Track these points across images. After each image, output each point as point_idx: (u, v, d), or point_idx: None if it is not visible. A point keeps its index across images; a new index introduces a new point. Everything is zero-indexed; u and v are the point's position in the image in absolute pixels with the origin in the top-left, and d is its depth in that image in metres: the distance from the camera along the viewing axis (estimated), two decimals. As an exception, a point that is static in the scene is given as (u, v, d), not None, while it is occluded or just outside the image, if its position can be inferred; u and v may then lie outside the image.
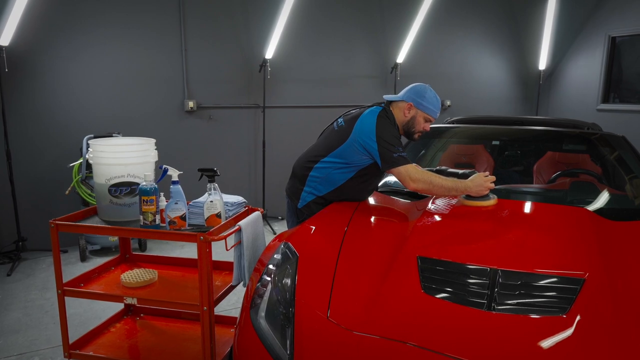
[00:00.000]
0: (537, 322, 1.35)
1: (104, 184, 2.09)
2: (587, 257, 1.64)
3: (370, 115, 2.16)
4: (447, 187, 2.07)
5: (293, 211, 2.42)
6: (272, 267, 1.77)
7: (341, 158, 2.23)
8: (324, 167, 2.27)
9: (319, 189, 2.30)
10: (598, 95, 5.79)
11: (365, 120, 2.15)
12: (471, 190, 2.07)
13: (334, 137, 2.26)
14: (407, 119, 2.24)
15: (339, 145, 2.22)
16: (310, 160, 2.33)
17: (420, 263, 1.64)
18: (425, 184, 2.07)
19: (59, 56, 4.08)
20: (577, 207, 2.12)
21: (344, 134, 2.20)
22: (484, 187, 2.07)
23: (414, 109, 2.22)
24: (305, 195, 2.34)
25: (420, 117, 2.24)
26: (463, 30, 5.99)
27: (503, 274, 1.53)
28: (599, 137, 2.92)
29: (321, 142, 2.36)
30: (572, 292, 1.45)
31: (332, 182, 2.27)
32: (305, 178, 2.33)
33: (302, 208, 2.36)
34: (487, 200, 2.10)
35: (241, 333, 1.64)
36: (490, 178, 2.09)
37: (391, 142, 2.09)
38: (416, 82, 2.26)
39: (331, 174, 2.26)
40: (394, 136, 2.13)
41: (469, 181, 2.08)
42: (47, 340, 2.71)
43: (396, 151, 2.09)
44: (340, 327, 1.44)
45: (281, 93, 5.11)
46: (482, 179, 2.08)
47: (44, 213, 4.03)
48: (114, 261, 2.44)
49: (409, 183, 2.08)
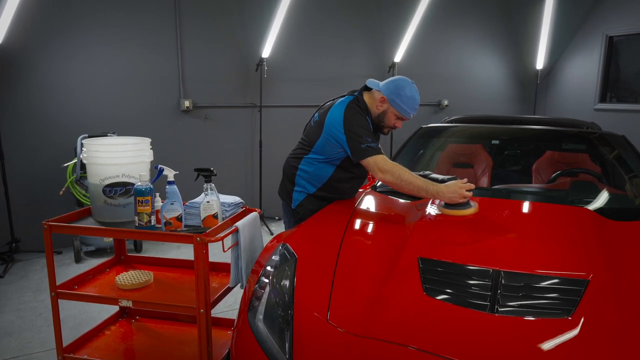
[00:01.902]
0: (541, 325, 1.32)
1: (98, 184, 2.05)
2: (590, 258, 1.62)
3: (339, 106, 2.13)
4: (417, 186, 1.99)
5: (289, 212, 2.40)
6: (270, 269, 1.74)
7: (321, 154, 2.21)
8: (309, 163, 2.26)
9: (308, 187, 2.29)
10: (595, 94, 5.79)
11: (334, 112, 2.12)
12: (444, 196, 1.95)
13: (312, 132, 2.25)
14: (379, 112, 2.19)
15: (316, 140, 2.20)
16: (296, 158, 2.31)
17: (421, 264, 1.61)
18: (393, 177, 2.01)
19: (53, 55, 4.04)
20: (579, 207, 2.10)
21: (319, 128, 2.18)
22: (458, 195, 1.93)
23: (387, 103, 2.16)
24: (296, 195, 2.32)
25: (392, 113, 2.17)
26: (461, 29, 5.98)
27: (505, 275, 1.51)
28: (598, 136, 2.90)
29: (303, 138, 2.34)
30: (576, 294, 1.42)
31: (319, 178, 2.26)
32: (294, 177, 2.32)
33: (297, 208, 2.33)
34: (466, 209, 1.95)
35: (239, 336, 1.61)
36: (466, 186, 1.95)
37: (358, 133, 2.05)
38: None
39: (318, 169, 2.24)
40: (361, 126, 2.07)
41: (443, 186, 1.97)
42: (41, 343, 2.67)
43: (364, 142, 2.04)
44: (340, 330, 1.41)
45: (278, 92, 5.07)
46: (457, 186, 1.94)
47: (38, 214, 3.99)
48: (108, 263, 2.40)
49: (378, 174, 2.04)
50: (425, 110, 5.81)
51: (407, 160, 2.95)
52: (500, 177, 2.87)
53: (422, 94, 2.31)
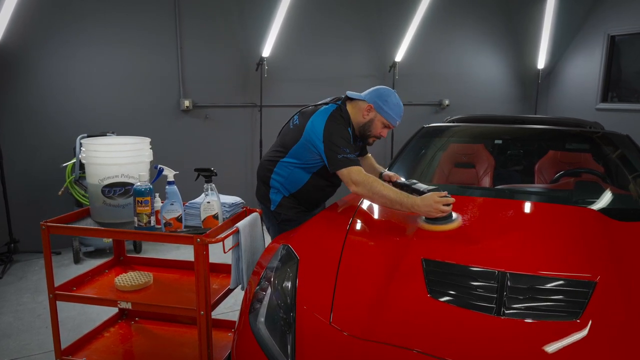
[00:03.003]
0: (549, 328, 1.30)
1: (97, 184, 2.02)
2: (597, 259, 1.59)
3: (321, 115, 2.09)
4: (390, 199, 1.91)
5: (269, 215, 2.33)
6: (271, 271, 1.71)
7: (296, 158, 2.18)
8: (285, 167, 2.22)
9: (283, 190, 2.25)
10: (597, 94, 5.76)
11: (315, 120, 2.08)
12: (419, 210, 1.85)
13: (290, 136, 2.20)
14: (365, 120, 2.17)
15: (293, 145, 2.16)
16: (271, 161, 2.27)
17: (425, 266, 1.58)
18: (365, 189, 1.94)
19: (52, 54, 4.01)
20: (584, 208, 2.07)
21: (298, 133, 2.14)
22: (434, 209, 1.83)
23: (374, 111, 2.15)
24: (273, 196, 2.27)
25: (379, 121, 2.16)
26: (461, 29, 5.95)
27: (511, 277, 1.48)
28: (602, 136, 2.87)
29: (279, 141, 2.29)
30: (584, 296, 1.40)
31: (295, 182, 2.22)
32: (268, 179, 2.27)
33: (277, 209, 2.28)
34: (446, 224, 1.84)
35: (240, 339, 1.58)
36: (444, 200, 1.84)
37: (337, 144, 2.01)
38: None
39: (293, 173, 2.21)
40: (341, 137, 2.04)
41: (419, 198, 1.87)
42: (39, 345, 2.64)
43: (341, 152, 2.00)
44: (344, 333, 1.38)
45: (278, 92, 5.05)
46: (433, 199, 1.84)
47: (37, 214, 3.96)
48: (107, 264, 2.37)
49: (351, 186, 2.00)
50: (426, 110, 5.78)
51: (409, 161, 2.92)
52: (502, 177, 2.84)
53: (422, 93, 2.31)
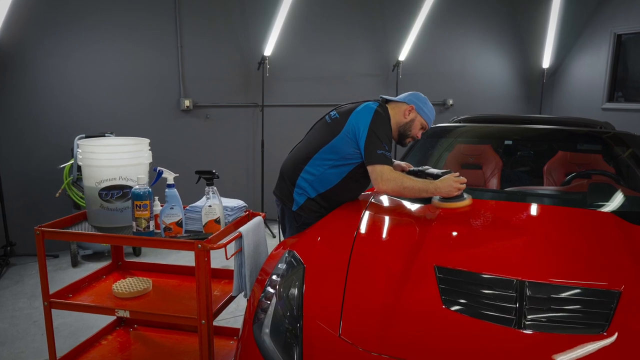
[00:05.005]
0: (574, 341, 1.22)
1: (94, 187, 1.94)
2: (619, 266, 1.51)
3: (368, 108, 2.14)
4: (418, 189, 2.07)
5: (289, 215, 2.28)
6: (276, 278, 1.63)
7: (334, 153, 2.15)
8: (319, 165, 2.18)
9: (310, 190, 2.20)
10: (603, 94, 5.68)
11: (362, 112, 2.13)
12: (441, 191, 2.05)
13: (326, 130, 2.20)
14: (406, 121, 2.24)
15: (331, 139, 2.15)
16: (302, 159, 2.21)
17: (439, 273, 1.50)
18: (396, 185, 2.06)
19: (50, 53, 3.93)
20: (602, 212, 1.99)
21: (338, 126, 2.15)
22: (454, 188, 2.04)
23: (415, 112, 2.24)
24: (297, 197, 2.22)
25: (418, 122, 2.26)
26: (465, 27, 5.88)
27: (531, 286, 1.40)
28: (614, 136, 2.79)
29: (311, 138, 2.27)
30: (608, 307, 1.32)
31: (326, 182, 2.18)
32: (296, 177, 2.22)
33: (298, 211, 2.23)
34: (461, 201, 2.06)
35: (244, 350, 1.50)
36: (460, 179, 2.07)
37: (380, 138, 2.08)
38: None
39: (325, 173, 2.17)
40: (385, 133, 2.12)
41: (438, 182, 2.07)
42: (35, 353, 2.56)
43: (381, 148, 2.07)
44: (354, 346, 1.30)
45: (280, 91, 4.97)
46: (451, 180, 2.06)
47: (34, 216, 3.89)
48: (105, 269, 2.29)
49: (379, 183, 2.07)
50: (429, 109, 5.71)
51: (415, 161, 2.84)
52: (510, 179, 2.76)
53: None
